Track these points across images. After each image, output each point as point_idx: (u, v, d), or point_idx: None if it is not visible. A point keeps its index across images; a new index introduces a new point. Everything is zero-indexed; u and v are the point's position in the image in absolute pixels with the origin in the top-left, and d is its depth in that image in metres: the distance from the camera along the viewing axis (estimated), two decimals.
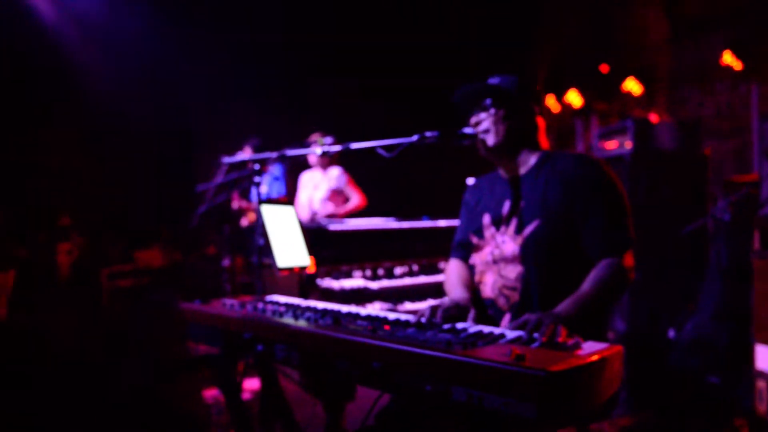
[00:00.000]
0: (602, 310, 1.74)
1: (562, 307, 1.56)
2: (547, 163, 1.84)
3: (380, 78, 6.46)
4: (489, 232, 1.88)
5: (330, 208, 4.86)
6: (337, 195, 4.87)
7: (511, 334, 1.38)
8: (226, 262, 5.25)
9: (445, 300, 1.75)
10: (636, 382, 3.75)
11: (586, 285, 1.65)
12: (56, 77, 5.77)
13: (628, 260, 1.71)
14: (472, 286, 1.91)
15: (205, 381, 3.39)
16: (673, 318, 4.09)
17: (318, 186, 4.92)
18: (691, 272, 4.19)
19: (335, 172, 4.84)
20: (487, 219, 1.90)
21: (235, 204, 5.37)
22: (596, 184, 1.74)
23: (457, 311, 1.68)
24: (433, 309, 1.66)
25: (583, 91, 6.79)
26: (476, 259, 1.91)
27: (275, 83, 6.58)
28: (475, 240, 1.92)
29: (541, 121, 1.91)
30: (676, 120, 5.60)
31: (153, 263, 6.14)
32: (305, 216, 4.82)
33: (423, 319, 1.62)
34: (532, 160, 1.87)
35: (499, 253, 1.82)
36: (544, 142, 1.91)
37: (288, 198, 5.35)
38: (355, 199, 4.83)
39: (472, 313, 1.68)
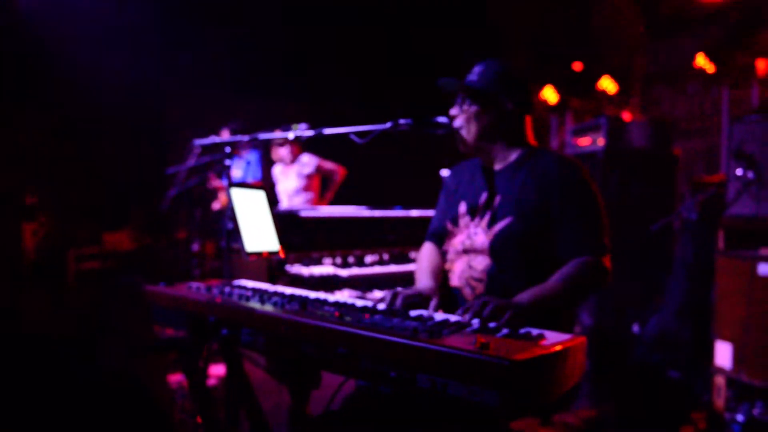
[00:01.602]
0: (568, 306, 1.74)
1: (521, 296, 1.55)
2: (528, 161, 1.81)
3: (357, 67, 6.43)
4: (464, 221, 1.88)
5: (310, 197, 4.82)
6: (311, 181, 4.84)
7: (477, 323, 1.39)
8: (195, 247, 5.19)
9: (409, 288, 1.74)
10: (600, 375, 3.82)
11: (552, 279, 1.64)
12: (25, 56, 5.60)
13: (607, 263, 1.70)
14: (443, 272, 1.91)
15: (169, 366, 3.35)
16: (638, 313, 4.17)
17: (289, 176, 4.88)
18: (657, 269, 4.28)
19: (305, 158, 4.81)
20: (463, 207, 1.90)
21: (212, 184, 5.30)
22: (576, 189, 1.73)
23: (417, 299, 1.67)
24: (394, 294, 1.65)
25: (558, 88, 6.85)
26: (449, 246, 1.91)
27: (252, 68, 6.49)
28: (450, 227, 1.92)
29: (527, 118, 1.88)
30: (648, 119, 5.69)
31: (122, 246, 6.04)
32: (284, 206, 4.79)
33: (383, 304, 1.62)
34: (513, 155, 1.85)
35: (470, 244, 1.82)
36: (530, 138, 1.88)
37: (263, 183, 5.30)
38: (336, 172, 4.82)
39: (433, 302, 1.67)
